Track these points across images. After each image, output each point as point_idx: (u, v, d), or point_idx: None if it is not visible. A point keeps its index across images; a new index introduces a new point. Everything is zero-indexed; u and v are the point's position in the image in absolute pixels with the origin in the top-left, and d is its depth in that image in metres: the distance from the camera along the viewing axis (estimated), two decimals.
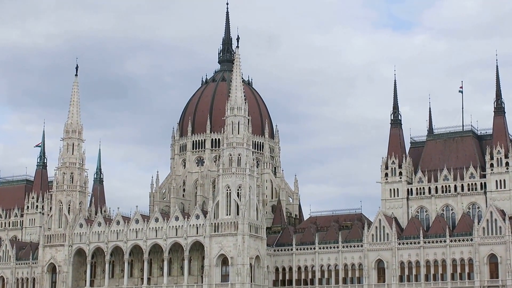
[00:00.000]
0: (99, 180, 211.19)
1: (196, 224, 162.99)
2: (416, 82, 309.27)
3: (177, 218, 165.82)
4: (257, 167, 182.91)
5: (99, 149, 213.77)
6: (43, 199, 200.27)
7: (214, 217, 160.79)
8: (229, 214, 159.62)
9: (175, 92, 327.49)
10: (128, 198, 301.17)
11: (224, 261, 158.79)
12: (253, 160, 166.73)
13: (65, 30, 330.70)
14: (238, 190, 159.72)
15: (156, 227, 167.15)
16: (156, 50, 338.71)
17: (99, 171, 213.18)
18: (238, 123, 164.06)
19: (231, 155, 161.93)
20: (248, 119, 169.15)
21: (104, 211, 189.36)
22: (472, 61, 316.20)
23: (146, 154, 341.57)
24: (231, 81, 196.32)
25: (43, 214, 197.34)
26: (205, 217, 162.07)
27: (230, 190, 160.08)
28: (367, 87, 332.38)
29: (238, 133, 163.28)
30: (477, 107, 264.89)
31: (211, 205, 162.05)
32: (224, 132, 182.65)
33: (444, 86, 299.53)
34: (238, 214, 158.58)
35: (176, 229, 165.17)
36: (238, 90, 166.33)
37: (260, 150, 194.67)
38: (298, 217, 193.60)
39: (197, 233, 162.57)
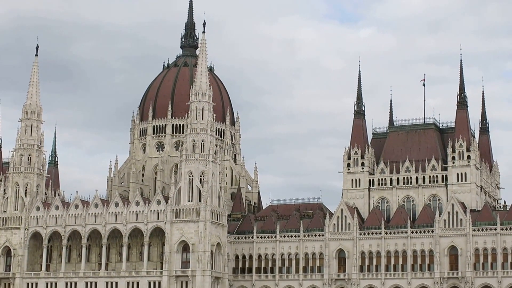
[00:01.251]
0: (54, 163, 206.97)
1: (157, 210, 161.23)
2: (362, 75, 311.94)
3: (137, 203, 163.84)
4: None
5: (55, 132, 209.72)
6: None
7: (176, 203, 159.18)
8: (191, 201, 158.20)
9: (135, 76, 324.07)
10: (79, 182, 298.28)
11: (185, 247, 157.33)
12: (216, 146, 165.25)
13: (9, 9, 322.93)
14: (201, 176, 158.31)
15: (116, 212, 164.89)
16: (117, 34, 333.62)
17: (54, 153, 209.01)
18: (203, 109, 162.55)
19: (194, 141, 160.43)
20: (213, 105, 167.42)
21: (58, 195, 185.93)
22: (418, 56, 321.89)
23: (99, 139, 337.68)
24: (193, 66, 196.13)
25: None
26: (167, 202, 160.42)
27: (192, 176, 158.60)
28: (312, 78, 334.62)
29: (202, 119, 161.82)
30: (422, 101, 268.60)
31: (173, 191, 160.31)
32: (186, 118, 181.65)
33: (390, 79, 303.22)
34: (200, 200, 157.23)
35: (137, 214, 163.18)
36: (203, 76, 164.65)
37: (221, 137, 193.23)
38: (257, 205, 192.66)
39: (158, 219, 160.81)
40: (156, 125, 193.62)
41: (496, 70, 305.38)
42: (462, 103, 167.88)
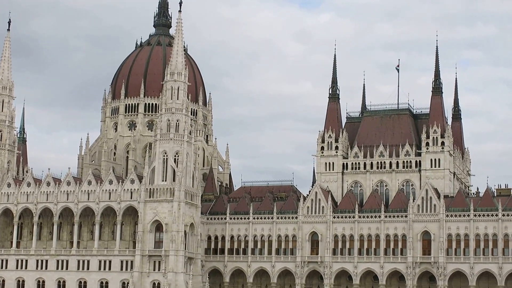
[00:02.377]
0: (22, 139, 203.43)
1: (131, 189, 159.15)
2: (321, 59, 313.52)
3: (110, 182, 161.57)
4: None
5: (23, 108, 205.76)
6: None
7: (150, 183, 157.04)
8: (165, 180, 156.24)
9: (106, 54, 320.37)
10: (47, 159, 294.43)
11: (158, 227, 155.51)
12: (191, 127, 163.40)
13: None
14: (175, 156, 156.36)
15: (88, 190, 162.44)
16: (88, 10, 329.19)
17: (22, 130, 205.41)
18: (178, 88, 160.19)
19: (169, 120, 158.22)
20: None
21: (27, 172, 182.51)
22: (377, 42, 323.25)
23: (55, 117, 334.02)
24: (166, 45, 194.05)
25: None
26: (140, 182, 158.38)
27: (167, 156, 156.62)
28: (271, 61, 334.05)
29: (178, 99, 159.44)
30: (381, 88, 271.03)
31: (147, 170, 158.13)
32: (159, 97, 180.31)
33: (348, 65, 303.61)
34: (174, 180, 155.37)
35: (110, 193, 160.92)
36: (179, 55, 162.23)
37: (193, 117, 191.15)
38: (228, 186, 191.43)
39: (131, 198, 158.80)
40: (129, 104, 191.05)
41: (453, 59, 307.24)
42: (437, 90, 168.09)
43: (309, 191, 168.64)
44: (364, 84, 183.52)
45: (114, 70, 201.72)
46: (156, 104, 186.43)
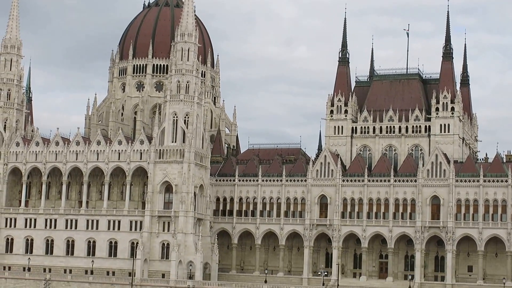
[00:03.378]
0: (28, 99, 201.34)
1: (140, 150, 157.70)
2: (315, 23, 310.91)
3: (120, 142, 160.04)
4: None
5: (29, 67, 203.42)
6: None
7: (159, 144, 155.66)
8: (175, 142, 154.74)
9: (113, 15, 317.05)
10: (41, 119, 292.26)
11: (167, 188, 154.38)
12: (201, 88, 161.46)
13: None
14: (185, 117, 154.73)
15: (97, 150, 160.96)
16: None
17: (28, 90, 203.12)
18: (188, 49, 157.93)
19: (179, 82, 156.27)
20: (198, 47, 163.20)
21: (32, 131, 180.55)
22: (374, 7, 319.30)
23: (51, 77, 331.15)
24: (174, 6, 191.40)
25: None
26: (150, 143, 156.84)
27: (177, 117, 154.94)
28: (266, 24, 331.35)
29: (188, 60, 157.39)
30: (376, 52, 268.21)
31: (156, 131, 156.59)
32: (167, 58, 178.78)
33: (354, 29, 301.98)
34: (184, 142, 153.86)
35: (119, 153, 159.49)
36: (190, 16, 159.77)
37: (202, 79, 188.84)
38: (235, 148, 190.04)
39: (140, 159, 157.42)
40: (136, 65, 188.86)
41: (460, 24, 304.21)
42: (447, 55, 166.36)
43: (316, 155, 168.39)
44: (372, 49, 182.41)
45: (116, 30, 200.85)
46: (164, 65, 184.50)
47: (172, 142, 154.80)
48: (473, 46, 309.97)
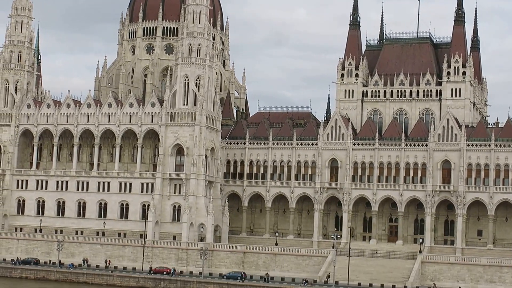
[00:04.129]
0: (37, 61, 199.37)
1: (152, 112, 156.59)
2: None
3: (131, 105, 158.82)
4: None
5: (38, 29, 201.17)
6: None
7: (171, 106, 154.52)
8: (186, 104, 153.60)
9: None
10: (54, 82, 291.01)
11: (179, 151, 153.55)
12: (212, 51, 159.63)
13: None
14: (196, 80, 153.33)
15: (109, 113, 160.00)
16: None
17: (37, 52, 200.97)
18: (200, 12, 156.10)
19: (190, 44, 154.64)
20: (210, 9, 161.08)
21: (41, 93, 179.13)
22: None
23: (63, 39, 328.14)
24: None
25: None
26: (161, 105, 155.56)
27: (188, 80, 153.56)
28: None
29: (199, 23, 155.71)
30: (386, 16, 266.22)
31: (168, 94, 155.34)
32: (177, 21, 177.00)
33: None
34: (195, 104, 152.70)
35: (130, 116, 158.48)
36: None
37: (213, 42, 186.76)
38: (244, 111, 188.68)
39: (152, 121, 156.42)
40: (146, 27, 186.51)
41: None
42: (459, 19, 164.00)
43: (324, 118, 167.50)
44: (382, 12, 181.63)
45: None
46: (174, 27, 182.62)
47: (184, 105, 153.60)
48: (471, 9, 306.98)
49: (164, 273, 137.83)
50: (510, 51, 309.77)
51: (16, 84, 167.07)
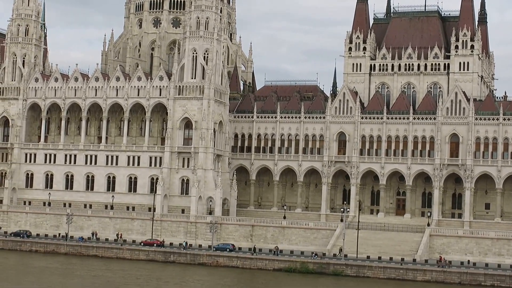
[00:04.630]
0: (43, 35, 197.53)
1: (160, 86, 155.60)
2: None
3: (139, 78, 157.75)
4: None
5: (44, 2, 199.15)
6: None
7: (179, 80, 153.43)
8: (195, 78, 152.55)
9: None
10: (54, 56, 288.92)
11: (187, 124, 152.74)
12: (220, 24, 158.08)
13: None
14: (204, 54, 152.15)
15: (117, 86, 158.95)
16: None
17: (43, 25, 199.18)
18: None
19: (198, 18, 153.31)
20: None
21: (48, 67, 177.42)
22: None
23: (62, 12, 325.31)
24: None
25: None
26: (169, 79, 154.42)
27: (196, 53, 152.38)
28: None
29: None
30: None
31: (176, 67, 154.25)
32: None
33: None
34: (203, 78, 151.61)
35: (138, 89, 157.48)
36: None
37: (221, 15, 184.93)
38: (251, 85, 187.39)
39: (160, 95, 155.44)
40: (153, 1, 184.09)
41: None
42: None
43: (331, 92, 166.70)
44: None
45: None
46: (181, 1, 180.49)
47: (192, 78, 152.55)
48: None
49: (155, 245, 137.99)
50: (510, 23, 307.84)
51: (23, 58, 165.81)
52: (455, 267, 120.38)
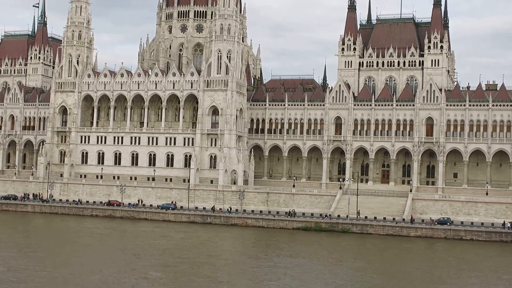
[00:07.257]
0: None
1: (191, 80, 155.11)
2: None
3: (174, 74, 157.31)
4: None
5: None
6: (44, 51, 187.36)
7: (207, 75, 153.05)
8: (220, 73, 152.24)
9: None
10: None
11: (214, 111, 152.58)
12: (240, 30, 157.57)
13: None
14: (227, 54, 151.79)
15: (156, 81, 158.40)
16: None
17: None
18: None
19: (222, 24, 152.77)
20: None
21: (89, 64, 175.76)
22: None
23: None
24: None
25: (44, 64, 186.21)
26: (199, 74, 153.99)
27: (221, 53, 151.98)
28: None
29: (229, 7, 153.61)
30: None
31: (204, 65, 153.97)
32: (206, 5, 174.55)
33: None
34: (227, 73, 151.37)
35: (173, 83, 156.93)
36: None
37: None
38: (259, 79, 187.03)
39: (191, 88, 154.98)
40: (181, 11, 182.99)
41: None
42: (437, 2, 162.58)
43: (322, 84, 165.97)
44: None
45: None
46: (204, 11, 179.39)
47: (217, 74, 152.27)
48: None
49: (115, 205, 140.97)
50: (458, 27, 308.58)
51: (77, 58, 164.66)
52: (439, 225, 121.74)
